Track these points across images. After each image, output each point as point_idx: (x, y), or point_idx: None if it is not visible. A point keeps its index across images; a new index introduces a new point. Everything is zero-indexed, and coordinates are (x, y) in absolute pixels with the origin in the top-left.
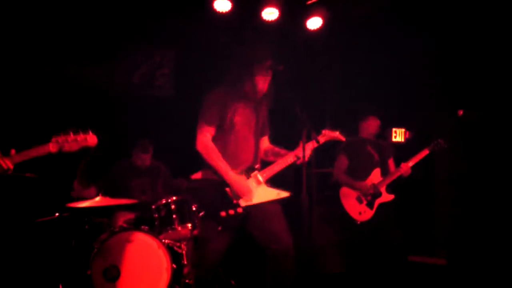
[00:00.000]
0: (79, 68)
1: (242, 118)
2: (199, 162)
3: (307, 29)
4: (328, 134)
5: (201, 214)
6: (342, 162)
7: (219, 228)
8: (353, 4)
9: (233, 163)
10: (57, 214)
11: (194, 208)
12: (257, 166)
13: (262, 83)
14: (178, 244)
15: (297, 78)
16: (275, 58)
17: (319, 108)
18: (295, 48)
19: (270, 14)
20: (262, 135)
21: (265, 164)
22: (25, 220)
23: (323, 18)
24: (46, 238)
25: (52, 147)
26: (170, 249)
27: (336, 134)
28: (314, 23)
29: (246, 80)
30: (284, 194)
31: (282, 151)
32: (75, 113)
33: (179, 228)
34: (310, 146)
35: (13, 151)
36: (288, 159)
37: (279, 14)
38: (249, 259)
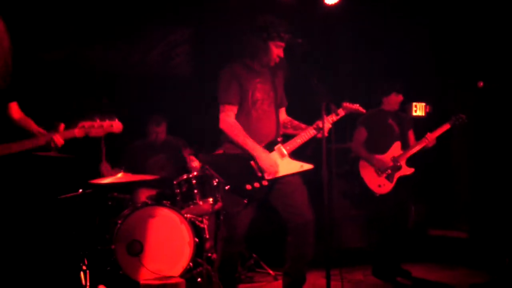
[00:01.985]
0: (96, 49)
1: (262, 93)
2: (218, 140)
3: (325, 3)
4: (348, 107)
5: (226, 187)
6: (361, 134)
7: (245, 201)
8: None
9: (257, 138)
10: (80, 190)
11: (215, 183)
12: (279, 139)
13: (276, 49)
14: (200, 218)
15: (315, 52)
16: (293, 31)
17: (337, 83)
18: (313, 22)
19: None
20: (280, 106)
21: (285, 137)
22: (49, 197)
23: None
24: (70, 214)
25: (78, 133)
26: (192, 223)
27: (356, 107)
28: None
29: (260, 48)
30: (307, 166)
31: (302, 125)
32: (90, 94)
33: (201, 203)
34: (330, 120)
35: (62, 126)
36: (310, 131)
37: None
38: (270, 232)
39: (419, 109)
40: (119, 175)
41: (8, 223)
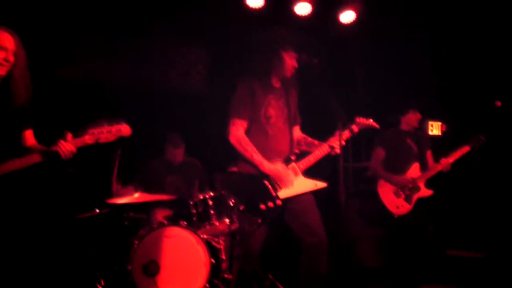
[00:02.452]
0: (113, 65)
1: (276, 110)
2: (235, 157)
3: (340, 23)
4: (361, 123)
5: (241, 208)
6: (379, 154)
7: (259, 221)
8: None
9: (271, 155)
10: (97, 210)
11: (231, 204)
12: (293, 157)
13: (290, 59)
14: (216, 239)
15: (330, 71)
16: (309, 51)
17: (352, 102)
18: (328, 42)
19: (302, 8)
20: (293, 124)
21: (299, 155)
22: (66, 215)
23: (356, 11)
24: (86, 233)
25: (88, 139)
26: (208, 244)
27: (370, 122)
28: (347, 16)
29: (274, 61)
30: (321, 184)
31: (316, 142)
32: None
33: (217, 223)
34: (344, 136)
35: (69, 136)
36: (323, 149)
37: (312, 9)
38: (285, 252)
39: (435, 128)
40: (136, 195)
41: (25, 241)
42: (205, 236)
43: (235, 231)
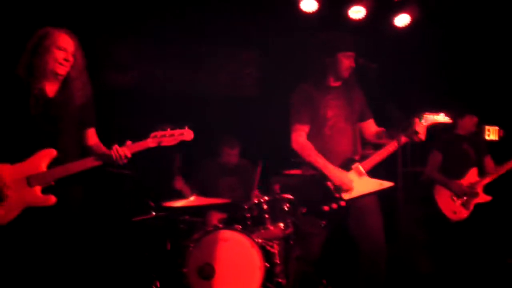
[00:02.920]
0: (166, 69)
1: (335, 110)
2: (289, 160)
3: (395, 27)
4: (431, 118)
5: (304, 210)
6: (436, 159)
7: (323, 223)
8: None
9: (332, 157)
10: (153, 213)
11: (286, 208)
12: (357, 157)
13: (346, 59)
14: (270, 243)
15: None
16: (366, 56)
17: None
18: (383, 46)
19: (357, 12)
20: (363, 119)
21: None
22: (123, 218)
23: (411, 15)
24: (142, 236)
25: (151, 142)
26: (262, 248)
27: (440, 117)
28: (402, 20)
29: (329, 63)
30: (387, 184)
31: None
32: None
33: (271, 228)
34: (414, 130)
35: (129, 142)
36: (389, 148)
37: (366, 12)
38: (342, 257)
39: (492, 133)
40: (192, 198)
41: (82, 243)
42: (259, 240)
43: (290, 236)
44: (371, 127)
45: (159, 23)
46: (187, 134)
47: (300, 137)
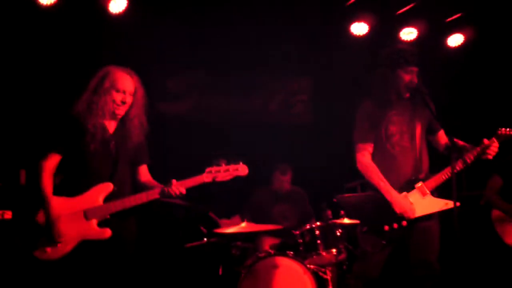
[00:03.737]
0: (218, 99)
1: (398, 126)
2: (341, 186)
3: (448, 47)
4: (504, 134)
5: (364, 229)
6: (496, 182)
7: (383, 242)
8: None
9: (395, 177)
10: (205, 239)
11: (338, 233)
12: (421, 176)
13: (407, 74)
14: (323, 269)
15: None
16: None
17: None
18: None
19: (409, 34)
20: (434, 132)
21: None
22: (175, 245)
23: (465, 34)
24: (195, 262)
25: (206, 178)
26: (315, 274)
27: None
28: (455, 40)
29: (389, 79)
30: (452, 204)
31: (468, 145)
32: (213, 141)
33: (324, 253)
34: (474, 152)
35: (174, 181)
36: (456, 167)
37: (418, 33)
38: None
39: None
40: (243, 224)
41: (136, 274)
42: (312, 267)
43: (343, 261)
44: (441, 139)
45: (210, 52)
46: (242, 169)
47: (364, 157)
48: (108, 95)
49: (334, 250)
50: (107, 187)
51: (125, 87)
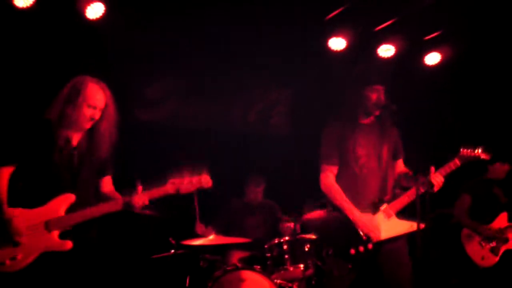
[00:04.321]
0: (194, 106)
1: (365, 148)
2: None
3: (425, 65)
4: (467, 155)
5: (330, 252)
6: (465, 202)
7: (349, 266)
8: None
9: (362, 197)
10: (172, 251)
11: (307, 249)
12: (386, 197)
13: (374, 93)
14: (290, 284)
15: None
16: (390, 96)
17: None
18: (413, 85)
19: (386, 50)
20: (395, 158)
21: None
22: (141, 256)
23: (442, 53)
24: (161, 274)
25: (170, 189)
26: None
27: (478, 153)
28: (432, 58)
29: (357, 98)
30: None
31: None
32: (190, 151)
33: (291, 268)
34: (444, 172)
35: (140, 188)
36: (412, 194)
37: (395, 51)
38: None
39: None
40: (211, 237)
41: (99, 281)
42: (278, 281)
43: (311, 277)
44: (398, 167)
45: (189, 60)
46: (206, 181)
47: (327, 178)
48: (80, 109)
49: (301, 265)
50: (69, 198)
51: (96, 103)
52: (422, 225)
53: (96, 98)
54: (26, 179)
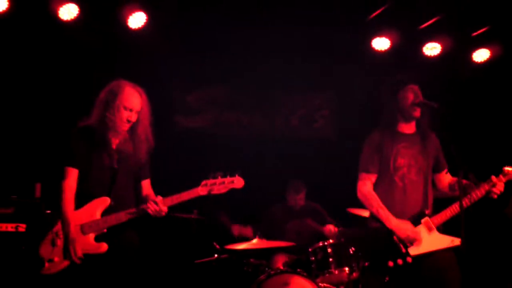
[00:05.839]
0: (238, 114)
1: (406, 159)
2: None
3: (473, 62)
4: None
5: (366, 264)
6: None
7: (386, 279)
8: None
9: (401, 210)
10: (215, 255)
11: (351, 252)
12: (427, 211)
13: (409, 94)
14: None
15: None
16: (434, 94)
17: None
18: (460, 82)
19: (432, 49)
20: (438, 170)
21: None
22: (185, 261)
23: (491, 49)
24: (205, 279)
25: (201, 191)
26: None
27: None
28: (481, 55)
29: (393, 104)
30: (458, 241)
31: (473, 185)
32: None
33: (336, 272)
34: (483, 191)
35: (159, 198)
36: (464, 201)
37: (441, 48)
38: None
39: None
40: (254, 241)
41: (138, 284)
42: (323, 285)
43: (357, 280)
44: (445, 178)
45: (232, 69)
46: (238, 182)
47: (364, 186)
48: (117, 112)
49: (346, 269)
50: (104, 201)
51: (132, 106)
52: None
53: (132, 100)
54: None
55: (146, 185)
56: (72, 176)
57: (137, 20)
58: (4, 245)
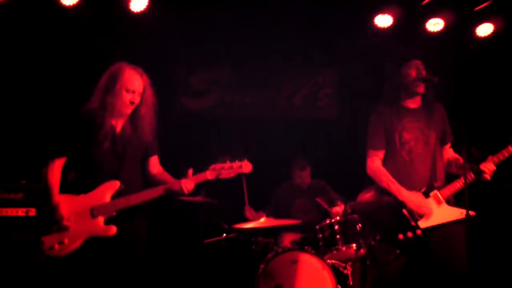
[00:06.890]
0: (241, 95)
1: (413, 133)
2: (362, 183)
3: (477, 37)
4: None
5: (377, 237)
6: None
7: (397, 251)
8: None
9: (410, 184)
10: (224, 235)
11: (358, 228)
12: (437, 184)
13: (412, 70)
14: (343, 265)
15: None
16: (436, 69)
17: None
18: (464, 57)
19: (435, 25)
20: (443, 143)
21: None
22: (194, 241)
23: (495, 23)
24: (214, 258)
25: (209, 175)
26: (335, 269)
27: None
28: (485, 29)
29: (398, 79)
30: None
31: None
32: (236, 138)
33: (344, 249)
34: (496, 160)
35: (190, 171)
36: (461, 182)
37: (444, 24)
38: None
39: None
40: (262, 219)
41: (148, 266)
42: (331, 262)
43: (365, 256)
44: (446, 153)
45: (235, 49)
46: (246, 166)
47: (373, 163)
48: (119, 95)
49: (354, 245)
50: (114, 184)
51: (134, 87)
52: (472, 213)
53: (133, 82)
54: (77, 168)
55: (155, 162)
56: (57, 162)
57: (139, 3)
58: (16, 229)
